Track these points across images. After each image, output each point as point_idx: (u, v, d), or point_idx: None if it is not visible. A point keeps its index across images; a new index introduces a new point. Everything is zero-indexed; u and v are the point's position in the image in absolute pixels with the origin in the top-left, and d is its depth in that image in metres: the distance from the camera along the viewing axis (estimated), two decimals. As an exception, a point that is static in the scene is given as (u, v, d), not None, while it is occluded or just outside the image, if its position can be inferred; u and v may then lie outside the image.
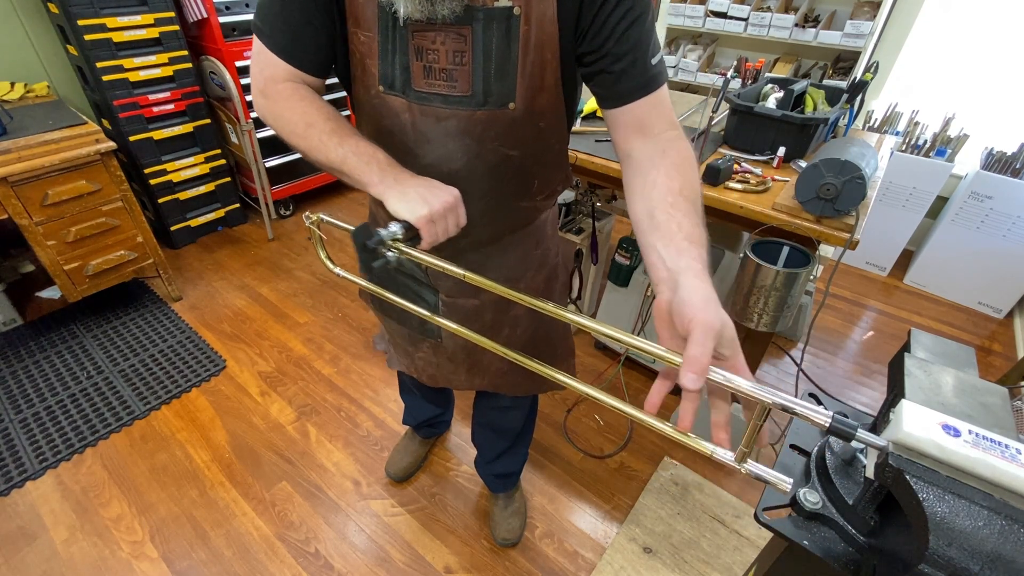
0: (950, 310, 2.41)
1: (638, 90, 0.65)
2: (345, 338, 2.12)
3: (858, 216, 1.14)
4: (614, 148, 0.71)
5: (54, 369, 1.91)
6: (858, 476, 0.52)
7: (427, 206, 0.62)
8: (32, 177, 1.69)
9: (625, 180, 0.67)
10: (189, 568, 1.35)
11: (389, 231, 0.61)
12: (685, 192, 0.59)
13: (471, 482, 1.58)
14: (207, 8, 2.25)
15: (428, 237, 0.64)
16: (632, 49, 0.63)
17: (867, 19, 2.26)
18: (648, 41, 0.64)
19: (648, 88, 0.65)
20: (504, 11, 0.61)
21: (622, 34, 0.62)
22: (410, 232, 0.63)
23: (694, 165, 0.64)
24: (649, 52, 0.64)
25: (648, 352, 0.48)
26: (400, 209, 0.63)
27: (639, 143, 0.67)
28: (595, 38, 0.64)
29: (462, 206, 0.67)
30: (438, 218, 0.63)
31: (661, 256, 0.54)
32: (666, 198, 0.59)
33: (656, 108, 0.66)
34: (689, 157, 0.64)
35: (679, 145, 0.65)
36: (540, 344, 1.04)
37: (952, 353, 0.56)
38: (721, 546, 1.42)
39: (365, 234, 0.61)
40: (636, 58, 0.64)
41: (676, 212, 0.57)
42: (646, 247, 0.58)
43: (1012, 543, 0.36)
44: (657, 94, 0.66)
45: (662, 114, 0.67)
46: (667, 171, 0.61)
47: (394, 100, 0.70)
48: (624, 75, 0.65)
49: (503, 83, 0.66)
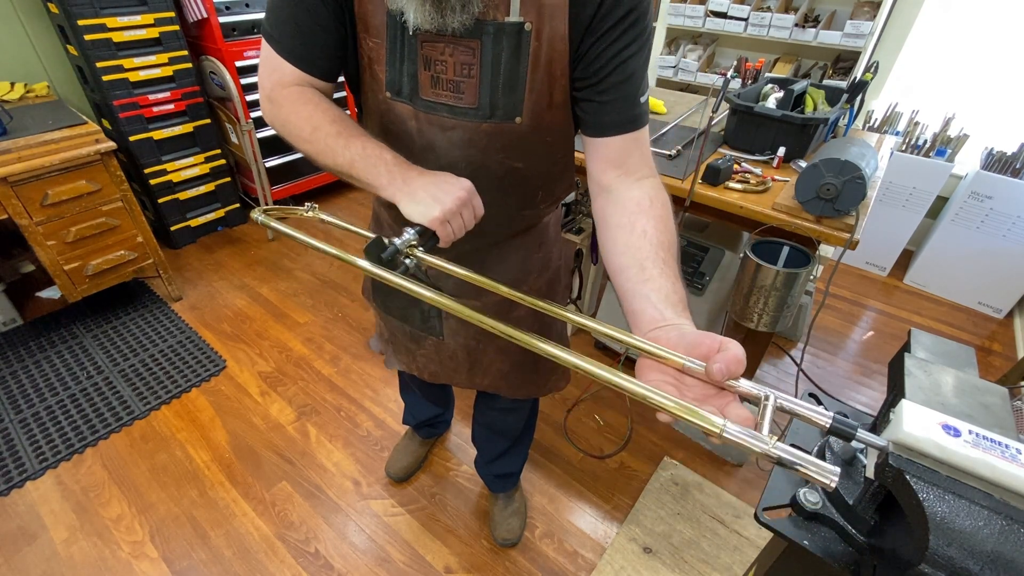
0: (950, 310, 2.41)
1: (623, 125, 0.65)
2: (345, 338, 2.12)
3: (858, 216, 1.14)
4: (588, 175, 0.70)
5: (54, 369, 1.91)
6: (858, 476, 0.51)
7: (439, 206, 0.61)
8: (32, 177, 1.69)
9: (601, 214, 0.67)
10: (189, 568, 1.35)
11: (403, 239, 0.59)
12: (672, 250, 0.60)
13: (471, 482, 1.58)
14: (207, 8, 2.25)
15: (444, 237, 0.63)
16: (625, 82, 0.63)
17: (867, 19, 2.26)
18: (640, 78, 0.64)
19: (634, 124, 0.65)
20: (515, 26, 0.61)
21: (618, 66, 0.62)
22: (425, 235, 0.61)
23: (672, 217, 0.65)
24: (639, 90, 0.64)
25: (648, 352, 0.48)
26: (412, 213, 0.62)
27: (619, 181, 0.66)
28: (590, 65, 0.63)
29: (476, 197, 0.66)
30: (452, 216, 0.62)
31: (657, 308, 0.54)
32: (658, 253, 0.59)
33: (637, 147, 0.66)
34: (670, 210, 0.65)
35: (663, 196, 0.66)
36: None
37: (952, 353, 0.56)
38: (721, 546, 1.42)
39: (379, 247, 0.58)
40: (627, 92, 0.64)
41: (668, 270, 0.57)
42: (634, 295, 0.57)
43: (1012, 543, 0.35)
44: (639, 133, 0.66)
45: (643, 154, 0.67)
46: (656, 224, 0.61)
47: (401, 107, 0.70)
48: (611, 107, 0.64)
49: (510, 98, 0.65)
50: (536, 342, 0.52)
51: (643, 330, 0.53)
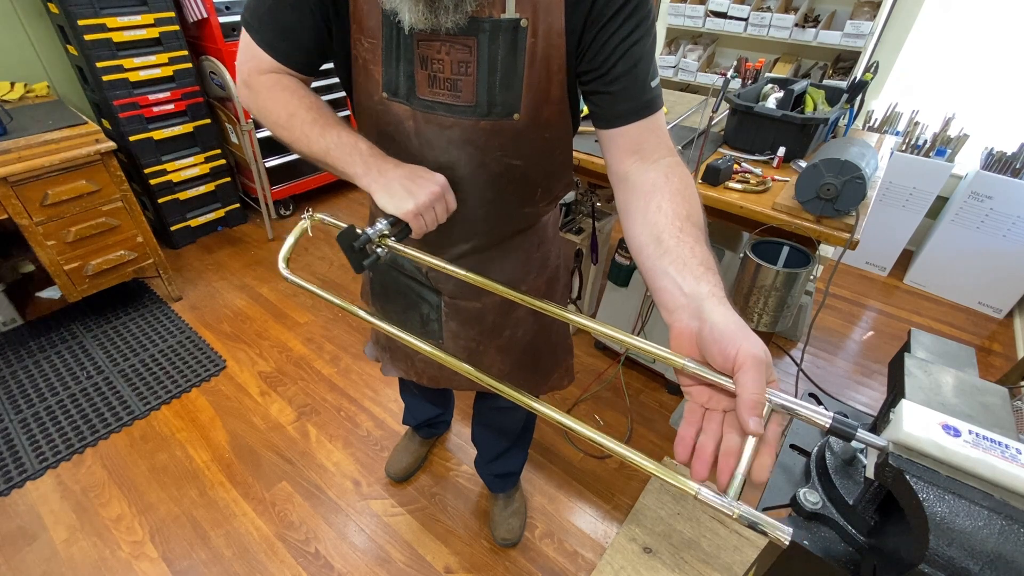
0: (950, 310, 2.41)
1: (635, 112, 0.64)
2: (345, 338, 2.12)
3: (858, 216, 1.14)
4: (607, 169, 0.69)
5: (54, 369, 1.91)
6: (858, 476, 0.51)
7: (412, 199, 0.63)
8: (32, 177, 1.69)
9: (621, 204, 0.65)
10: (189, 568, 1.35)
11: (376, 228, 0.62)
12: (693, 219, 0.57)
13: (471, 482, 1.58)
14: (207, 8, 2.25)
15: (417, 229, 0.64)
16: (632, 69, 0.62)
17: (867, 19, 2.26)
18: (648, 64, 0.63)
19: (647, 110, 0.64)
20: (511, 23, 0.61)
21: (623, 54, 0.61)
22: (398, 226, 0.63)
23: (696, 193, 0.62)
24: (648, 75, 0.63)
25: (648, 352, 0.48)
26: (386, 204, 0.63)
27: (636, 166, 0.65)
28: (596, 56, 0.63)
29: (450, 192, 0.67)
30: (424, 210, 0.64)
31: (676, 282, 0.51)
32: (674, 223, 0.56)
33: (653, 132, 0.65)
34: (692, 184, 0.63)
35: (680, 171, 0.63)
36: (540, 345, 1.04)
37: (952, 353, 0.56)
38: (721, 546, 1.42)
39: (350, 236, 0.60)
40: (635, 79, 0.63)
41: (686, 237, 0.55)
42: (655, 272, 0.54)
43: (1012, 543, 0.35)
44: (654, 118, 0.65)
45: (659, 139, 0.65)
46: (672, 197, 0.59)
47: (398, 107, 0.69)
48: (621, 95, 0.63)
49: (508, 94, 0.65)
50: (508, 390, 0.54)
51: (666, 314, 0.51)
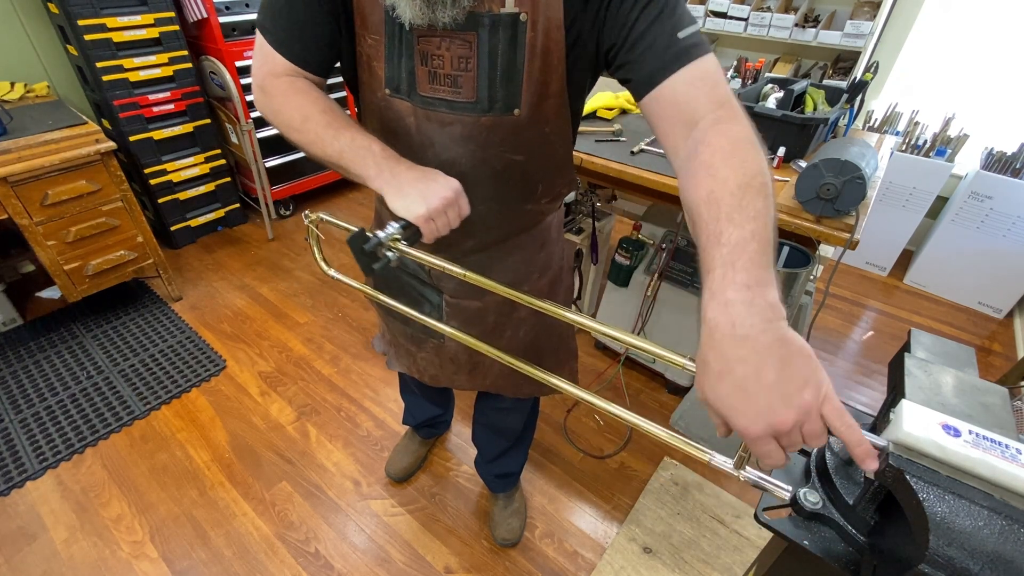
0: (950, 310, 2.41)
1: (666, 66, 0.56)
2: (345, 338, 2.12)
3: (858, 216, 1.14)
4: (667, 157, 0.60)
5: (54, 369, 1.91)
6: (858, 476, 0.51)
7: (424, 203, 0.62)
8: (32, 177, 1.69)
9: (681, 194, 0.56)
10: (189, 568, 1.35)
11: (387, 232, 0.61)
12: (728, 185, 0.48)
13: (471, 482, 1.58)
14: (207, 8, 2.25)
15: (428, 234, 0.63)
16: (654, 23, 0.57)
17: (867, 19, 2.25)
18: (671, 16, 0.57)
19: (678, 61, 0.55)
20: (510, 17, 0.61)
21: (640, 13, 0.57)
22: (409, 229, 0.63)
23: (744, 148, 0.51)
24: (674, 26, 0.57)
25: (648, 352, 0.48)
26: (398, 207, 0.63)
27: (685, 143, 0.55)
28: (614, 29, 0.60)
29: (463, 197, 0.66)
30: (437, 215, 0.63)
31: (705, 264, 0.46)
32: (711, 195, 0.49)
33: (693, 86, 0.56)
34: (738, 138, 0.52)
35: (722, 127, 0.53)
36: (543, 347, 1.04)
37: (952, 353, 0.56)
38: (721, 546, 1.42)
39: (361, 239, 0.60)
40: (659, 34, 0.56)
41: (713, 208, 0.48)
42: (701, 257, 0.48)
43: (1012, 543, 0.36)
44: (691, 68, 0.56)
45: (703, 92, 0.55)
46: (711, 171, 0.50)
47: (400, 103, 0.70)
48: (647, 54, 0.57)
49: (508, 89, 0.65)
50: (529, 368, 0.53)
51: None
